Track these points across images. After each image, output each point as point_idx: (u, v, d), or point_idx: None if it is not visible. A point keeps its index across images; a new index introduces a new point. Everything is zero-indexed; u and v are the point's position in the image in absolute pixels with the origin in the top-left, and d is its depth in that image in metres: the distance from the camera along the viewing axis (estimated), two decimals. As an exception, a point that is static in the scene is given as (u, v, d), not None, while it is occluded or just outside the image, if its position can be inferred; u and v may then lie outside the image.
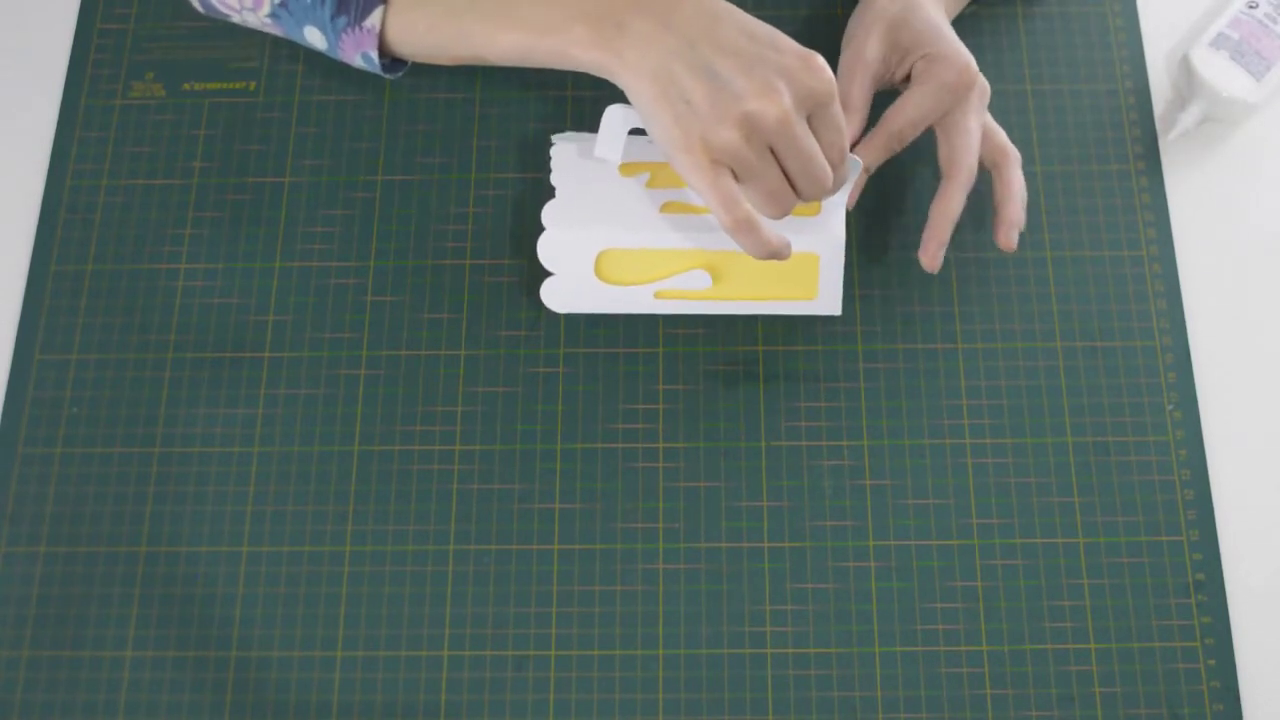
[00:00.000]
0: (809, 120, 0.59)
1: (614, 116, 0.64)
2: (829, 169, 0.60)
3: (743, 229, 0.59)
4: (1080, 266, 0.70)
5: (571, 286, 0.66)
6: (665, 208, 0.66)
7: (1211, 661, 0.63)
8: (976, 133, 0.65)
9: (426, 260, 0.70)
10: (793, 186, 0.60)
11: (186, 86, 0.74)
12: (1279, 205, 0.72)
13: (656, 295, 0.67)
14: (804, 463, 0.66)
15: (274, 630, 0.64)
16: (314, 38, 0.65)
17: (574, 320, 0.69)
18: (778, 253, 0.61)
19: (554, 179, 0.66)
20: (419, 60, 0.65)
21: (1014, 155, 0.66)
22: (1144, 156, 0.72)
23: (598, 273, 0.66)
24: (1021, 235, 0.71)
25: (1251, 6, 0.72)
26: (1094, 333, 0.69)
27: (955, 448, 0.67)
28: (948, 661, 0.63)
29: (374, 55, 0.64)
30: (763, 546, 0.65)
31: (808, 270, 0.66)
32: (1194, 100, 0.71)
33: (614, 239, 0.65)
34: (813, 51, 0.58)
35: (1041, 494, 0.66)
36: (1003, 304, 0.69)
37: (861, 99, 0.65)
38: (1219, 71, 0.71)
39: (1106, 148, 0.72)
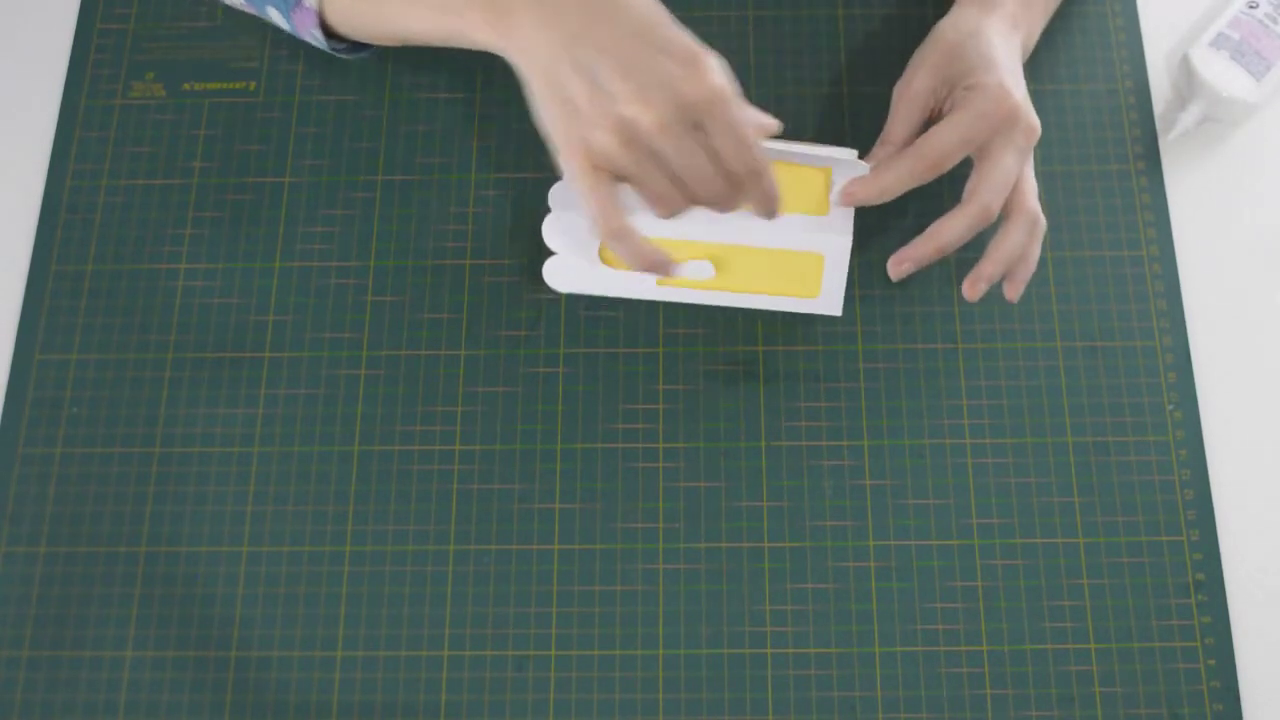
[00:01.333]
0: (706, 125, 0.55)
1: None
2: (720, 179, 0.56)
3: (616, 238, 0.56)
4: (1080, 266, 0.70)
5: (575, 268, 0.66)
6: None
7: (1211, 661, 0.63)
8: (1011, 170, 0.61)
9: (426, 260, 0.70)
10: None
11: (186, 86, 0.74)
12: (1279, 205, 0.72)
13: (659, 283, 0.67)
14: (804, 463, 0.66)
15: (274, 630, 0.64)
16: (275, 17, 0.66)
17: (574, 320, 0.69)
18: (657, 268, 0.58)
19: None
20: (358, 39, 0.65)
21: (1030, 218, 0.62)
22: (1144, 156, 0.72)
23: (602, 257, 0.66)
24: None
25: (1251, 6, 0.72)
26: (1094, 333, 0.69)
27: (955, 448, 0.66)
28: (948, 661, 0.63)
29: (319, 34, 0.64)
30: (763, 546, 0.65)
31: (811, 269, 0.66)
32: (1194, 100, 0.71)
33: None
34: (705, 54, 0.54)
35: (1041, 494, 0.66)
36: (1003, 304, 0.69)
37: (901, 132, 0.63)
38: (1219, 71, 0.71)
39: (1106, 148, 0.72)
